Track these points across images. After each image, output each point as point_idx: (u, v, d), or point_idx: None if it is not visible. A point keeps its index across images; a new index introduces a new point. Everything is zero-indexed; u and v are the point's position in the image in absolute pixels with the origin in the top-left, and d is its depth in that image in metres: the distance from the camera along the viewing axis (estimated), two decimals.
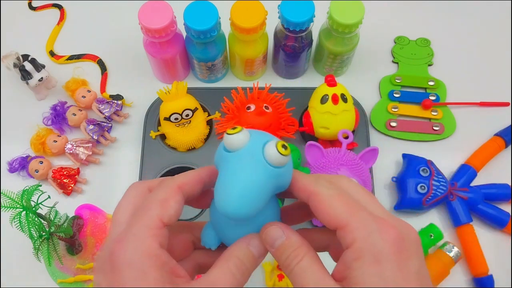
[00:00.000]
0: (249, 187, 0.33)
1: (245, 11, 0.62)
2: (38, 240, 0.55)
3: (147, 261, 0.30)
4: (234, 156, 0.34)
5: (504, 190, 0.66)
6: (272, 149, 0.33)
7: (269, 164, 0.33)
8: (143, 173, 0.65)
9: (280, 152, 0.33)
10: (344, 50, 0.68)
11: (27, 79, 0.69)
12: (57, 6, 0.80)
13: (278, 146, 0.33)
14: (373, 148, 0.61)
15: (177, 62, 0.69)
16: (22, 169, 0.67)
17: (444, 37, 0.78)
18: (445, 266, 0.61)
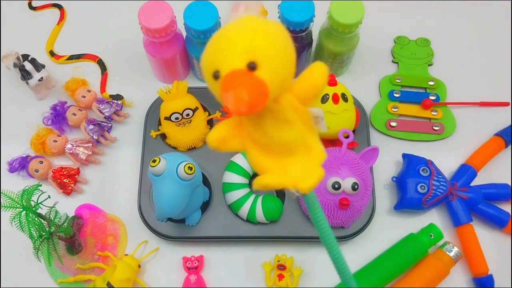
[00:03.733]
0: (172, 197, 0.54)
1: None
2: (38, 240, 0.55)
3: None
4: (159, 179, 0.54)
5: (504, 190, 0.66)
6: (181, 170, 0.54)
7: (181, 180, 0.54)
8: (143, 173, 0.65)
9: (186, 172, 0.54)
10: (344, 50, 0.68)
11: (27, 79, 0.69)
12: (57, 6, 0.80)
13: (186, 168, 0.54)
14: (374, 147, 0.61)
15: (177, 62, 0.69)
16: (22, 169, 0.67)
17: (444, 37, 0.78)
18: (445, 266, 0.61)
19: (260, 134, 0.35)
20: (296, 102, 0.35)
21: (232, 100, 0.31)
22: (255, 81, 0.31)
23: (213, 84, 0.33)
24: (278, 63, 0.33)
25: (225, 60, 0.32)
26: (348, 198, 0.58)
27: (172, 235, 0.62)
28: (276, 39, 0.33)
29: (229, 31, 0.33)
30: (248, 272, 0.63)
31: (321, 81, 0.35)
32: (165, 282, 0.63)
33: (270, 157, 0.36)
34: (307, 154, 0.36)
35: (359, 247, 0.64)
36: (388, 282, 0.61)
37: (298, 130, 0.36)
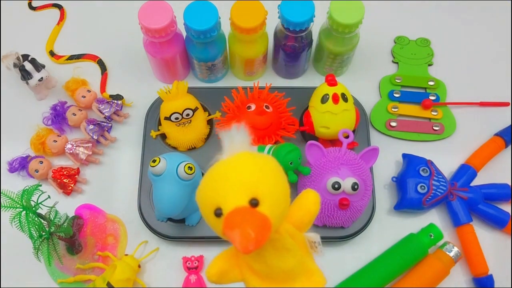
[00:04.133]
0: (172, 197, 0.54)
1: (245, 11, 0.62)
2: (38, 240, 0.55)
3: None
4: (159, 179, 0.55)
5: (504, 190, 0.66)
6: (181, 170, 0.53)
7: (181, 179, 0.54)
8: (143, 173, 0.65)
9: (186, 172, 0.53)
10: (344, 50, 0.68)
11: (27, 79, 0.69)
12: (57, 6, 0.80)
13: (185, 168, 0.53)
14: (374, 147, 0.61)
15: (177, 62, 0.69)
16: (22, 169, 0.67)
17: (444, 37, 0.78)
18: (445, 266, 0.61)
19: (261, 264, 0.36)
20: (292, 229, 0.36)
21: (239, 239, 0.31)
22: (258, 217, 0.32)
23: (214, 221, 0.34)
24: (278, 197, 0.34)
25: (227, 197, 0.32)
26: (348, 198, 0.58)
27: (172, 235, 0.62)
28: (275, 174, 0.34)
29: (228, 168, 0.34)
30: None
31: (316, 208, 0.37)
32: (165, 282, 0.63)
33: (272, 285, 0.37)
34: (308, 279, 0.38)
35: (359, 247, 0.64)
36: (388, 282, 0.61)
37: (298, 256, 0.37)
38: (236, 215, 0.32)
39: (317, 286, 0.38)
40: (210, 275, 0.37)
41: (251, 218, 0.32)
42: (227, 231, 0.32)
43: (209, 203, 0.34)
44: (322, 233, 0.62)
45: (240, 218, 0.32)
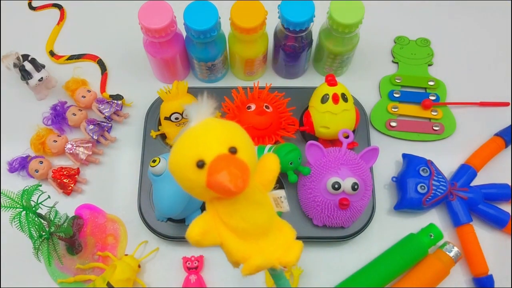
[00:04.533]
0: (172, 197, 0.54)
1: (245, 11, 0.62)
2: (38, 240, 0.55)
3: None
4: (159, 179, 0.54)
5: (504, 190, 0.66)
6: None
7: None
8: (143, 173, 0.65)
9: None
10: (344, 50, 0.68)
11: (27, 79, 0.69)
12: (57, 6, 0.80)
13: None
14: (374, 147, 0.61)
15: (177, 62, 0.69)
16: (22, 169, 0.67)
17: (444, 37, 0.78)
18: (445, 266, 0.61)
19: (237, 219, 0.39)
20: (260, 187, 0.40)
21: (228, 178, 0.35)
22: (239, 161, 0.36)
23: (196, 175, 0.36)
24: (251, 148, 0.38)
25: (209, 149, 0.36)
26: (348, 198, 0.58)
27: (172, 235, 0.62)
28: (243, 130, 0.39)
29: (203, 127, 0.37)
30: None
31: (277, 166, 0.41)
32: (165, 282, 0.63)
33: (249, 242, 0.39)
34: (279, 232, 0.41)
35: (359, 247, 0.64)
36: (388, 282, 0.61)
37: (269, 210, 0.40)
38: (220, 160, 0.35)
39: (290, 237, 0.41)
40: (192, 235, 0.38)
41: (233, 162, 0.36)
42: (214, 175, 0.35)
43: (190, 158, 0.36)
44: (322, 233, 0.63)
45: (224, 162, 0.35)
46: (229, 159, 0.36)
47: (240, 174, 0.35)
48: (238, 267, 0.39)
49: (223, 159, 0.36)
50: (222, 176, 0.35)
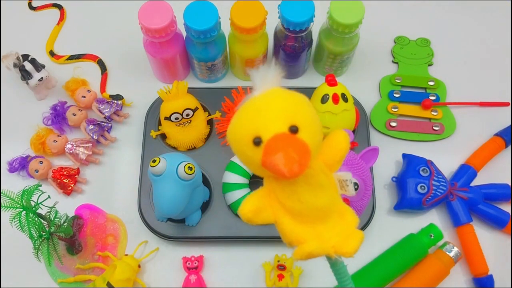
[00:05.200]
0: (172, 197, 0.54)
1: (245, 11, 0.62)
2: (38, 240, 0.55)
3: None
4: (159, 179, 0.54)
5: (504, 190, 0.66)
6: (181, 170, 0.53)
7: (182, 180, 0.54)
8: (143, 173, 0.65)
9: (186, 172, 0.53)
10: (344, 50, 0.68)
11: (27, 79, 0.69)
12: (57, 6, 0.80)
13: (186, 168, 0.53)
14: (374, 147, 0.61)
15: (177, 62, 0.69)
16: (22, 169, 0.67)
17: (444, 37, 0.78)
18: (445, 266, 0.61)
19: (294, 201, 0.35)
20: (324, 167, 0.36)
21: (283, 161, 0.32)
22: (299, 142, 0.32)
23: (252, 152, 0.33)
24: (316, 127, 0.35)
25: (267, 125, 0.33)
26: (348, 198, 0.58)
27: (172, 235, 0.62)
28: (310, 106, 0.35)
29: (265, 99, 0.34)
30: (248, 272, 0.63)
31: (347, 145, 0.37)
32: (165, 282, 0.63)
33: (305, 225, 0.36)
34: (341, 219, 0.37)
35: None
36: (388, 282, 0.61)
37: (331, 194, 0.37)
38: (277, 140, 0.32)
39: (351, 225, 0.37)
40: (245, 212, 0.35)
41: (292, 143, 0.32)
42: (269, 156, 0.32)
43: (247, 133, 0.33)
44: None
45: (282, 142, 0.32)
46: (288, 139, 0.32)
47: (298, 158, 0.32)
48: (292, 248, 0.37)
49: (281, 139, 0.32)
50: (277, 159, 0.32)
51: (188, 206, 0.57)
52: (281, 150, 0.32)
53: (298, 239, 0.36)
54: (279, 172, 0.32)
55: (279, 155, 0.32)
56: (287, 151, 0.32)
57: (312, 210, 0.36)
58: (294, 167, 0.32)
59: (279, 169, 0.32)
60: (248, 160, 0.35)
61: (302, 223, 0.36)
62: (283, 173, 0.32)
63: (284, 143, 0.32)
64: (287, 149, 0.32)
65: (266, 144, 0.33)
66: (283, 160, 0.32)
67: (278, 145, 0.32)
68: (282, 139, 0.32)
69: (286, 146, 0.32)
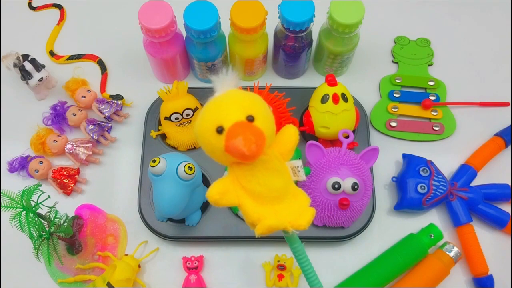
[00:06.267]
0: (172, 197, 0.54)
1: (245, 11, 0.62)
2: (38, 240, 0.55)
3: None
4: (159, 179, 0.54)
5: (504, 190, 0.66)
6: (181, 170, 0.54)
7: (182, 180, 0.54)
8: (143, 173, 0.65)
9: (186, 172, 0.54)
10: (344, 50, 0.68)
11: (27, 79, 0.69)
12: (57, 6, 0.80)
13: (185, 168, 0.54)
14: (374, 147, 0.61)
15: (177, 62, 0.69)
16: (22, 169, 0.67)
17: (444, 37, 0.78)
18: (445, 266, 0.61)
19: (254, 184, 0.41)
20: (279, 156, 0.43)
21: (242, 142, 0.38)
22: (255, 128, 0.39)
23: (215, 140, 0.39)
24: (269, 117, 0.41)
25: (228, 116, 0.39)
26: (348, 198, 0.58)
27: (172, 235, 0.62)
28: (263, 102, 0.42)
29: (225, 97, 0.40)
30: (248, 272, 0.63)
31: (296, 137, 0.44)
32: (165, 282, 0.63)
33: (264, 205, 0.42)
34: (295, 199, 0.43)
35: (359, 247, 0.64)
36: (388, 282, 0.61)
37: (285, 177, 0.43)
38: (237, 127, 0.38)
39: (304, 203, 0.43)
40: (212, 194, 0.40)
41: (249, 128, 0.38)
42: (231, 140, 0.38)
43: (211, 124, 0.39)
44: (322, 233, 0.63)
45: (240, 128, 0.38)
46: (246, 126, 0.39)
47: (255, 140, 0.38)
48: (254, 229, 0.42)
49: (240, 125, 0.38)
50: (237, 141, 0.38)
51: (188, 206, 0.57)
52: (241, 134, 0.38)
53: (259, 218, 0.41)
54: (240, 153, 0.38)
55: (239, 138, 0.38)
56: (246, 135, 0.38)
57: (270, 191, 0.42)
58: (252, 147, 0.38)
59: (240, 150, 0.38)
60: (212, 148, 0.41)
61: (262, 204, 0.42)
62: (243, 153, 0.38)
63: (243, 129, 0.38)
64: (245, 133, 0.38)
65: (227, 130, 0.39)
66: (242, 141, 0.38)
67: (238, 130, 0.38)
68: (241, 125, 0.39)
69: (244, 131, 0.38)
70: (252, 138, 0.38)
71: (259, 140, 0.39)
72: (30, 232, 0.54)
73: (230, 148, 0.38)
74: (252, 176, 0.41)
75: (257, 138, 0.38)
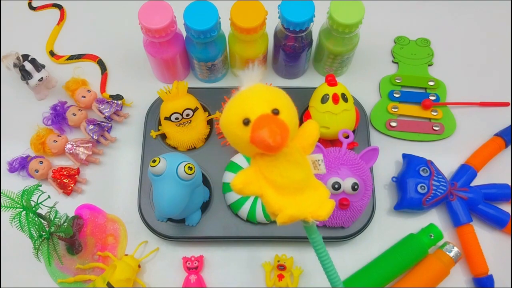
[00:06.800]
0: (172, 197, 0.54)
1: (245, 11, 0.62)
2: (38, 240, 0.55)
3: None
4: (159, 179, 0.54)
5: (504, 190, 0.66)
6: (181, 170, 0.54)
7: (182, 180, 0.54)
8: (143, 173, 0.65)
9: (186, 172, 0.54)
10: (344, 50, 0.68)
11: (27, 79, 0.69)
12: (57, 6, 0.80)
13: (186, 168, 0.54)
14: (374, 147, 0.61)
15: (177, 62, 0.69)
16: (22, 169, 0.67)
17: (444, 37, 0.78)
18: (445, 266, 0.61)
19: (276, 175, 0.42)
20: (300, 149, 0.44)
21: (268, 134, 0.39)
22: (280, 121, 0.40)
23: (242, 131, 0.40)
24: (293, 111, 0.42)
25: (254, 108, 0.40)
26: (348, 198, 0.58)
27: (172, 235, 0.62)
28: (287, 96, 0.43)
29: (251, 91, 0.42)
30: (248, 272, 0.63)
31: (317, 132, 0.45)
32: (165, 282, 0.63)
33: (286, 196, 0.43)
34: (315, 191, 0.44)
35: (359, 247, 0.64)
36: (388, 282, 0.61)
37: (306, 170, 0.44)
38: (263, 119, 0.40)
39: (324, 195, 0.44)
40: (236, 183, 0.42)
41: (275, 121, 0.40)
42: (257, 131, 0.39)
43: (238, 116, 0.40)
44: (322, 233, 0.62)
45: (266, 120, 0.40)
46: (271, 118, 0.40)
47: (279, 132, 0.39)
48: (276, 218, 0.43)
49: (265, 118, 0.40)
50: (263, 132, 0.39)
51: (188, 206, 0.57)
52: (266, 126, 0.39)
53: (280, 208, 0.42)
54: (265, 143, 0.39)
55: (265, 130, 0.39)
56: (271, 127, 0.39)
57: (292, 183, 0.43)
58: (277, 138, 0.39)
59: (265, 140, 0.39)
60: (238, 140, 0.41)
61: (283, 195, 0.43)
62: (268, 144, 0.39)
63: (268, 121, 0.40)
64: (271, 125, 0.39)
65: (254, 122, 0.40)
66: (267, 133, 0.39)
67: (263, 122, 0.39)
68: (266, 118, 0.40)
69: (270, 123, 0.39)
70: (277, 130, 0.39)
71: (284, 132, 0.40)
72: (30, 232, 0.54)
73: (255, 139, 0.40)
74: (274, 167, 0.42)
75: (282, 130, 0.40)
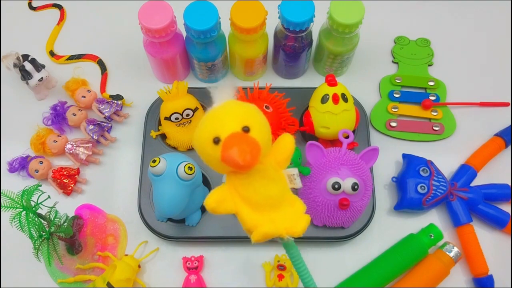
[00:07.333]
0: (172, 197, 0.54)
1: (245, 11, 0.62)
2: (38, 240, 0.55)
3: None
4: (159, 179, 0.54)
5: (504, 190, 0.66)
6: (181, 170, 0.54)
7: (182, 180, 0.54)
8: (143, 173, 0.65)
9: (186, 172, 0.54)
10: (344, 50, 0.68)
11: (27, 79, 0.69)
12: (57, 6, 0.80)
13: (186, 168, 0.54)
14: (374, 147, 0.61)
15: (177, 62, 0.69)
16: (22, 169, 0.67)
17: (444, 37, 0.78)
18: (445, 266, 0.61)
19: (251, 192, 0.42)
20: (275, 165, 0.44)
21: (237, 153, 0.39)
22: (251, 139, 0.40)
23: (212, 150, 0.40)
24: (264, 128, 0.42)
25: (224, 127, 0.40)
26: (348, 198, 0.58)
27: (172, 235, 0.62)
28: (259, 113, 0.43)
29: (222, 108, 0.42)
30: (248, 272, 0.63)
31: (292, 146, 0.45)
32: (165, 282, 0.63)
33: (261, 213, 0.43)
34: (291, 207, 0.44)
35: (359, 247, 0.64)
36: (388, 282, 0.61)
37: (281, 186, 0.44)
38: (233, 137, 0.39)
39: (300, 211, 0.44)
40: (209, 202, 0.41)
41: (245, 139, 0.40)
42: (227, 150, 0.39)
43: (208, 134, 0.40)
44: (322, 233, 0.63)
45: (236, 139, 0.39)
46: (241, 137, 0.40)
47: (249, 150, 0.39)
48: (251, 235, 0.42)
49: (235, 136, 0.40)
50: (233, 152, 0.39)
51: (188, 206, 0.57)
52: (236, 145, 0.39)
53: (255, 225, 0.42)
54: (235, 163, 0.39)
55: (234, 149, 0.39)
56: (241, 145, 0.39)
57: (266, 199, 0.43)
58: (247, 157, 0.39)
59: (235, 160, 0.39)
60: (210, 158, 0.42)
61: (258, 212, 0.43)
62: (238, 163, 0.39)
63: (238, 139, 0.39)
64: (240, 144, 0.39)
65: (223, 141, 0.40)
66: (237, 152, 0.39)
67: (233, 141, 0.39)
68: (236, 136, 0.40)
69: (239, 142, 0.39)
70: (247, 148, 0.39)
71: (254, 151, 0.39)
72: (30, 232, 0.54)
73: (225, 158, 0.39)
74: (248, 184, 0.42)
75: (252, 148, 0.39)
